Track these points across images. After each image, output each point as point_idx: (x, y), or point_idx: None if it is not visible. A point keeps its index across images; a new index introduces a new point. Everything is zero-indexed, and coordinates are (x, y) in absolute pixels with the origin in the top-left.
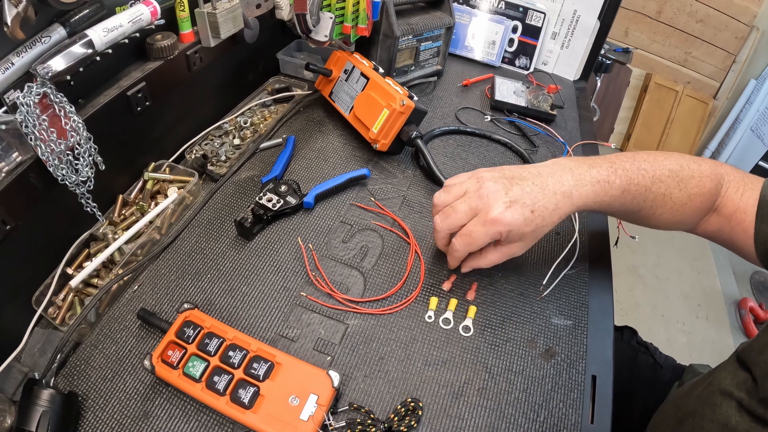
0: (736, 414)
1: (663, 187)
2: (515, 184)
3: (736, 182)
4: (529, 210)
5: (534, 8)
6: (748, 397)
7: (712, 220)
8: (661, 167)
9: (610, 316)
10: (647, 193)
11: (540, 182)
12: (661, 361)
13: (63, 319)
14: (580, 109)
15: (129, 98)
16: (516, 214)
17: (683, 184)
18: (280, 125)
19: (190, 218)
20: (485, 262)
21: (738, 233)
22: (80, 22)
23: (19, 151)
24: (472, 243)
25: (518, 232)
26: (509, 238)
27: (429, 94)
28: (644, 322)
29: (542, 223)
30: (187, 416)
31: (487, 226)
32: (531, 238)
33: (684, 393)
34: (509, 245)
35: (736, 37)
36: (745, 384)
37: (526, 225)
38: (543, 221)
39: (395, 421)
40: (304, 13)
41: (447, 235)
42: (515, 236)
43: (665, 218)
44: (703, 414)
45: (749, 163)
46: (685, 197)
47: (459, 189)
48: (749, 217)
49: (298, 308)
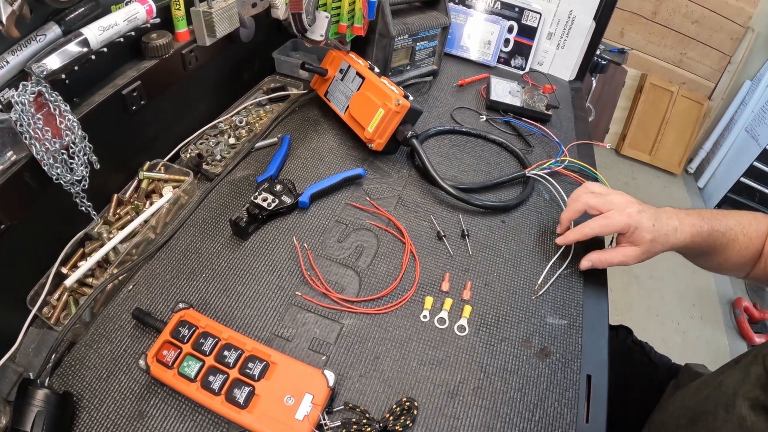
0: (751, 414)
1: (732, 234)
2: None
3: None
4: (652, 222)
5: (530, 8)
6: (765, 395)
7: (761, 263)
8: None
9: (605, 315)
10: (723, 238)
11: (658, 214)
12: (656, 360)
13: (58, 319)
14: (576, 109)
15: (124, 97)
16: (645, 218)
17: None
18: (275, 124)
19: (185, 218)
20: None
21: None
22: (75, 21)
23: (13, 150)
24: (607, 226)
25: (641, 235)
26: (633, 237)
27: (424, 94)
28: (639, 321)
29: (658, 239)
30: (182, 416)
31: (623, 216)
32: (647, 248)
33: (691, 393)
34: (628, 247)
35: (731, 38)
36: (759, 381)
37: (648, 231)
38: (659, 237)
39: (390, 420)
40: (300, 12)
41: (581, 211)
42: (638, 238)
43: (733, 261)
44: (716, 414)
45: (744, 163)
46: (747, 240)
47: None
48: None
49: (293, 308)
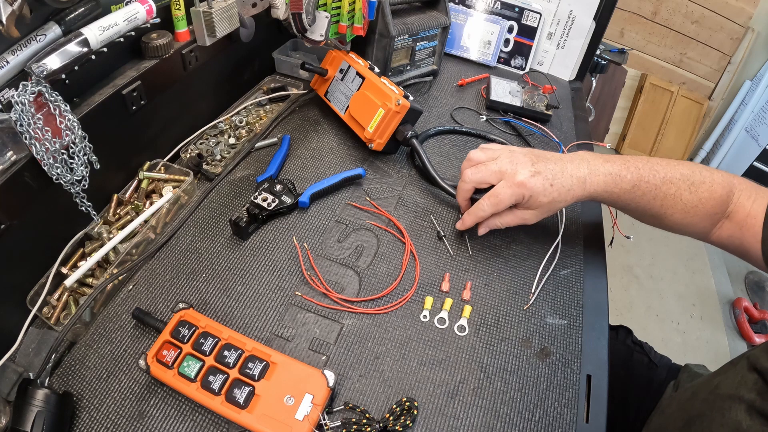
0: (747, 417)
1: (673, 188)
2: (540, 161)
3: (748, 191)
4: (549, 183)
5: (530, 8)
6: (760, 399)
7: (725, 226)
8: (673, 170)
9: (605, 315)
10: (657, 192)
11: (561, 165)
12: (656, 360)
13: (58, 319)
14: (576, 109)
15: (124, 97)
16: (538, 183)
17: (694, 188)
18: (275, 124)
19: (185, 218)
20: (501, 222)
21: (749, 238)
22: (75, 21)
23: (13, 149)
24: (498, 204)
25: (536, 200)
26: (528, 203)
27: (424, 94)
28: (639, 321)
29: (557, 198)
30: (183, 416)
31: (513, 188)
32: (545, 210)
33: (688, 396)
34: (524, 211)
35: (731, 38)
36: (756, 385)
37: (544, 195)
38: (559, 196)
39: (390, 420)
40: (300, 12)
41: (471, 189)
42: (534, 203)
43: (676, 218)
44: (712, 418)
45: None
46: (696, 200)
47: (493, 153)
48: (759, 222)
49: (293, 308)
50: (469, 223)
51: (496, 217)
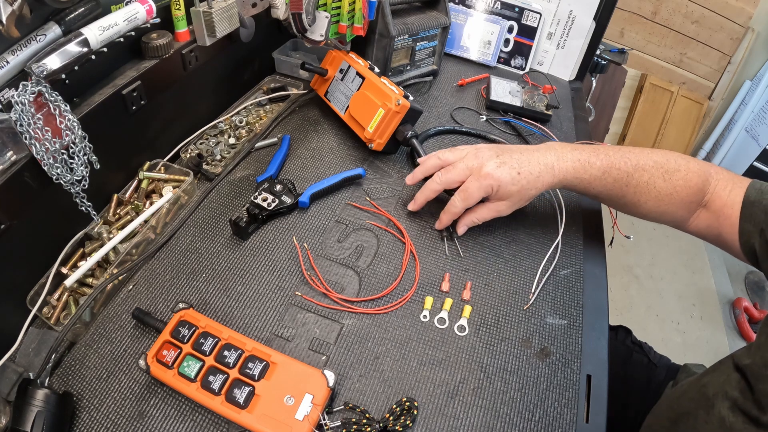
0: (730, 414)
1: (646, 175)
2: (505, 152)
3: (725, 180)
4: (516, 171)
5: (530, 8)
6: (743, 397)
7: (702, 216)
8: (646, 158)
9: (605, 315)
10: (629, 179)
11: (527, 154)
12: (655, 360)
13: (58, 319)
14: (576, 109)
15: (124, 97)
16: (504, 172)
17: (668, 176)
18: (275, 124)
19: (185, 218)
20: (476, 217)
21: (726, 228)
22: (75, 21)
23: (13, 149)
24: (468, 198)
25: (506, 190)
26: (498, 194)
27: (424, 94)
28: (639, 321)
29: (527, 186)
30: (183, 416)
31: (480, 180)
32: (517, 199)
33: (677, 395)
34: (497, 202)
35: (731, 38)
36: (739, 384)
37: (512, 183)
38: (528, 183)
39: (390, 420)
40: (300, 12)
41: (440, 190)
42: (504, 193)
43: (650, 206)
44: (697, 415)
45: (744, 163)
46: (670, 188)
47: (461, 153)
48: (736, 212)
49: (293, 308)
50: (445, 221)
51: (470, 212)
